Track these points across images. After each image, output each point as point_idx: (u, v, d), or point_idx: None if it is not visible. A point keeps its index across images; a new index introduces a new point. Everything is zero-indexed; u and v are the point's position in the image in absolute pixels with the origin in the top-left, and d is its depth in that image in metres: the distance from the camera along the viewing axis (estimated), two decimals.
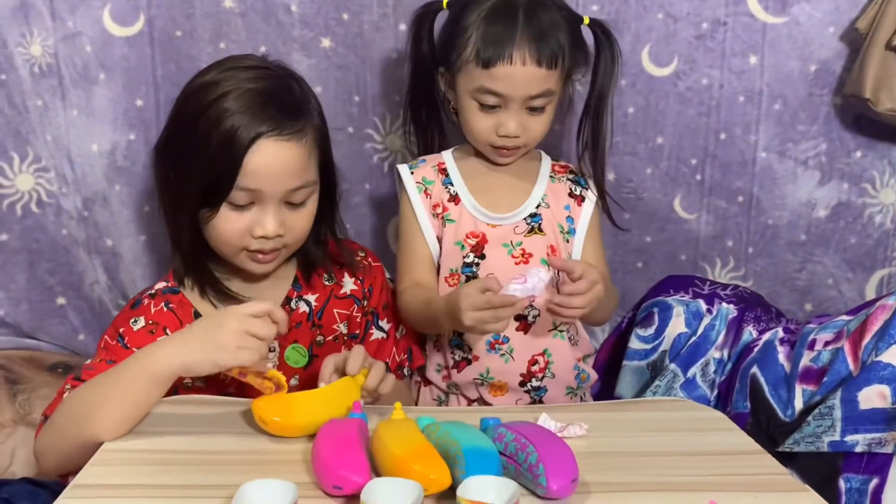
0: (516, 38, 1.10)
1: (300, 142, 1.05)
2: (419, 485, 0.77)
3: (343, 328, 1.19)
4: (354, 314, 1.20)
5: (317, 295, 1.18)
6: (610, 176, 1.45)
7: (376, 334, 1.21)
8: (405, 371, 1.23)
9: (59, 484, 1.06)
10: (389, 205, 1.52)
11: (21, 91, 1.41)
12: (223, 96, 1.02)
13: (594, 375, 1.29)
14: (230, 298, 1.13)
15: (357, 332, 1.20)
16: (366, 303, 1.21)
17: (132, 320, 1.11)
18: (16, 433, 1.33)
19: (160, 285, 1.16)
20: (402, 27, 1.44)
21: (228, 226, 1.06)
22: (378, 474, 0.84)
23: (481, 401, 1.22)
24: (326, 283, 1.19)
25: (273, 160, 1.03)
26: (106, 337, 1.12)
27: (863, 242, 1.55)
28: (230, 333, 0.90)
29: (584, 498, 0.84)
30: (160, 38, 1.42)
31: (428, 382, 1.26)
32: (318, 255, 1.17)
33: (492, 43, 1.11)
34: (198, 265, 1.13)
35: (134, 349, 1.05)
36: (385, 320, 1.22)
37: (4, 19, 1.38)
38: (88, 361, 1.10)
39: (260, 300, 0.99)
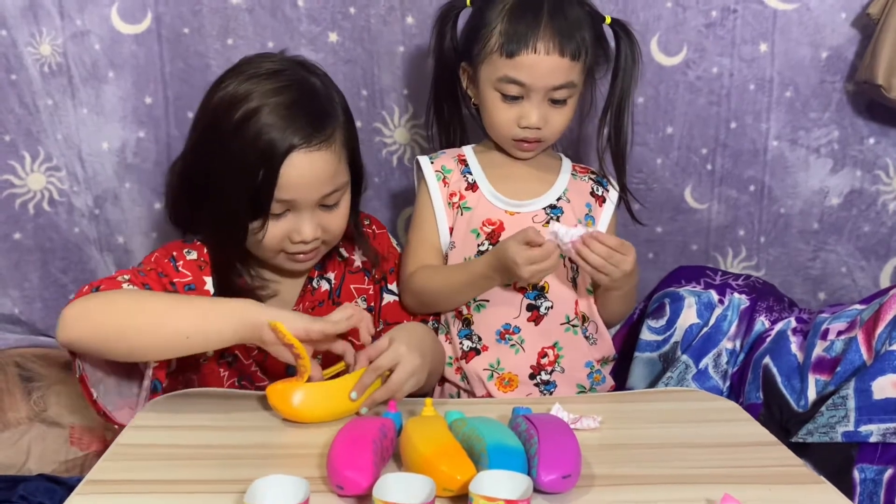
0: (540, 29, 1.13)
1: (330, 149, 1.07)
2: (431, 480, 0.77)
3: (361, 303, 1.22)
4: (366, 286, 1.22)
5: (335, 272, 1.21)
6: None
7: (388, 298, 1.23)
8: (430, 325, 1.24)
9: (77, 480, 1.07)
10: (400, 198, 1.52)
11: (31, 91, 1.42)
12: (256, 112, 1.03)
13: (611, 382, 1.28)
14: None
15: (372, 304, 1.23)
16: (374, 271, 1.23)
17: (186, 250, 1.13)
18: (31, 430, 1.34)
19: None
20: (409, 20, 1.43)
21: (267, 234, 1.08)
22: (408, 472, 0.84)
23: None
24: (339, 259, 1.22)
25: (305, 171, 1.05)
26: (157, 254, 1.13)
27: (876, 230, 1.54)
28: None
29: (596, 490, 0.84)
30: (168, 35, 1.42)
31: (442, 380, 1.26)
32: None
33: (516, 33, 1.13)
34: (229, 270, 1.14)
35: (186, 272, 1.10)
36: (394, 284, 1.24)
37: (14, 19, 1.39)
38: (137, 266, 1.11)
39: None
